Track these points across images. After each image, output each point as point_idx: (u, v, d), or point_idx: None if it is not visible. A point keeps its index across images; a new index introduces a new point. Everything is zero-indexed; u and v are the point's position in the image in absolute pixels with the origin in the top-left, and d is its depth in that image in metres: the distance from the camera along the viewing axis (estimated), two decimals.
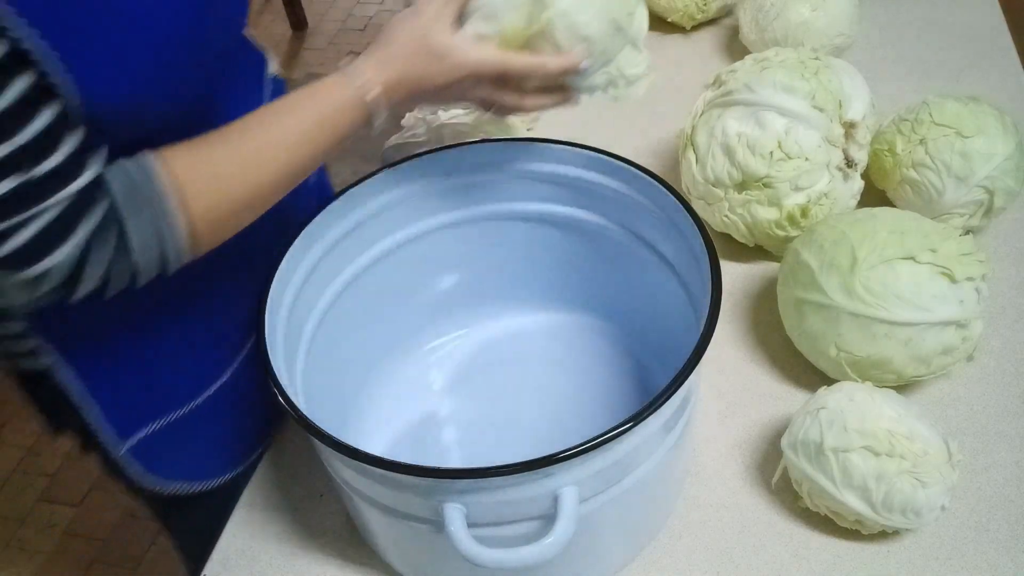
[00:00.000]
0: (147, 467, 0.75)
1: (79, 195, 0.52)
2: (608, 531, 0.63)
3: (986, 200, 0.84)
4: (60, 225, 0.52)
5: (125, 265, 0.55)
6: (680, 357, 0.57)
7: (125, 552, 1.68)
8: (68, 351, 0.67)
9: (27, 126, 0.49)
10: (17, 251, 0.51)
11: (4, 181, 0.49)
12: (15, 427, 1.92)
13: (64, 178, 0.51)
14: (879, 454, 0.63)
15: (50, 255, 0.52)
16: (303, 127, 0.61)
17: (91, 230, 0.53)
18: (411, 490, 0.56)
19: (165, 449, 0.75)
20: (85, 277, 0.54)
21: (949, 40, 1.17)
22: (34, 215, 0.51)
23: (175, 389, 0.73)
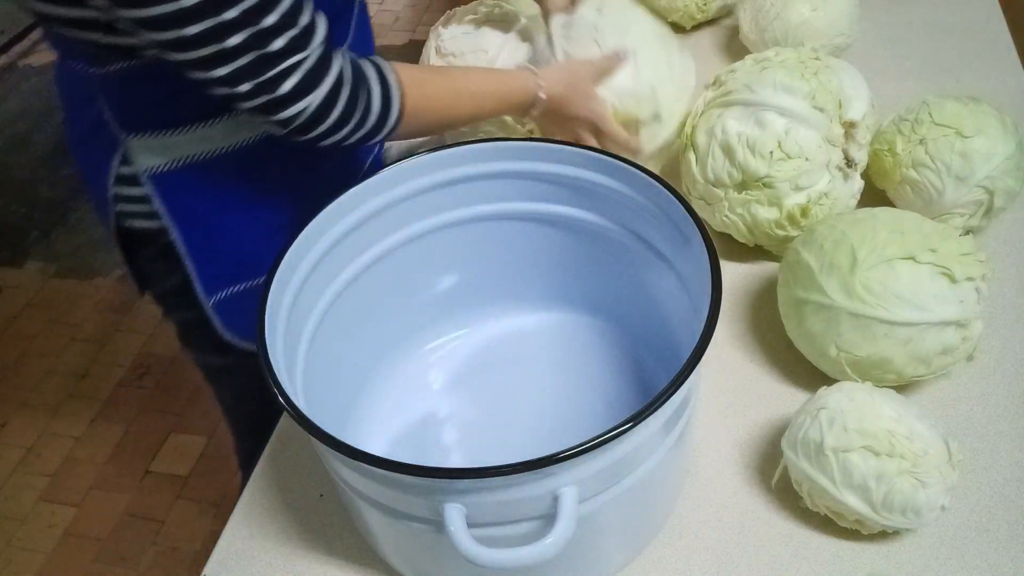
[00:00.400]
0: (226, 323, 0.88)
1: (324, 47, 0.67)
2: (608, 531, 0.63)
3: (986, 200, 0.84)
4: (313, 74, 0.67)
5: (359, 115, 0.71)
6: (680, 357, 0.57)
7: (126, 552, 1.68)
8: (177, 212, 0.80)
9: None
10: (282, 95, 0.66)
11: (279, 39, 0.63)
12: (16, 427, 1.92)
13: (312, 32, 0.66)
14: (879, 454, 0.63)
15: (305, 99, 0.67)
16: (491, 89, 0.83)
17: (338, 77, 0.69)
18: (411, 490, 0.56)
19: (244, 310, 0.84)
20: (331, 115, 0.69)
21: (949, 40, 1.17)
22: (296, 64, 0.65)
23: (259, 260, 0.82)
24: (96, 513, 1.75)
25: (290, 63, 0.65)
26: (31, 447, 1.88)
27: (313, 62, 0.66)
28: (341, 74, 0.69)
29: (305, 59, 0.66)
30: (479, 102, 0.82)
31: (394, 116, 0.74)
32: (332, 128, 0.70)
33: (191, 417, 1.91)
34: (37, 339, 2.13)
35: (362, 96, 0.71)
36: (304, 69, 0.66)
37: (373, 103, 0.72)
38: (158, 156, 0.77)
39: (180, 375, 2.00)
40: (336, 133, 0.71)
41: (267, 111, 0.68)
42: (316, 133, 0.70)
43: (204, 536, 1.68)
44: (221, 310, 0.87)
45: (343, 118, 0.70)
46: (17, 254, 2.40)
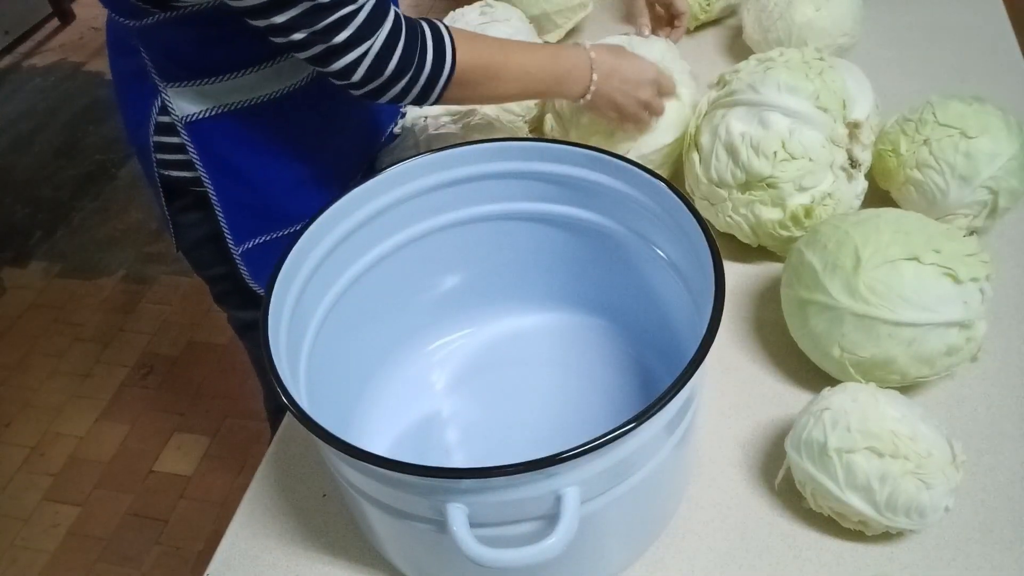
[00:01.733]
0: (252, 273, 0.93)
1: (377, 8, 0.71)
2: (611, 532, 0.63)
3: (990, 200, 0.84)
4: (368, 24, 0.70)
5: (411, 71, 0.74)
6: (683, 357, 0.57)
7: (128, 552, 1.68)
8: (211, 161, 0.85)
9: None
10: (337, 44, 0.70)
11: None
12: (19, 426, 1.92)
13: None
14: (883, 455, 0.63)
15: (360, 47, 0.70)
16: (549, 65, 0.84)
17: (392, 30, 0.71)
18: (414, 490, 0.56)
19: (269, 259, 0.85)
20: (387, 69, 0.72)
21: (953, 40, 1.17)
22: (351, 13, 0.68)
23: (282, 212, 0.90)
24: (99, 513, 1.75)
25: (344, 12, 0.68)
26: (35, 446, 1.88)
27: (368, 12, 0.69)
28: (396, 25, 0.71)
29: (360, 9, 0.69)
30: (533, 76, 0.82)
31: (445, 74, 0.76)
32: (388, 81, 0.73)
33: (195, 417, 1.91)
34: (41, 339, 2.13)
35: (418, 49, 0.73)
36: (359, 19, 0.69)
37: (428, 57, 0.74)
38: (193, 104, 0.81)
39: (184, 375, 2.00)
40: (392, 87, 0.74)
41: (324, 61, 0.71)
42: (373, 86, 0.73)
43: (207, 536, 1.68)
44: (248, 260, 0.91)
45: (399, 70, 0.73)
46: (21, 254, 2.41)
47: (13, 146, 2.81)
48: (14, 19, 3.25)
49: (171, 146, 0.85)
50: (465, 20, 1.10)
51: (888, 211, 0.78)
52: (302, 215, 0.83)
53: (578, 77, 0.85)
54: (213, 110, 0.82)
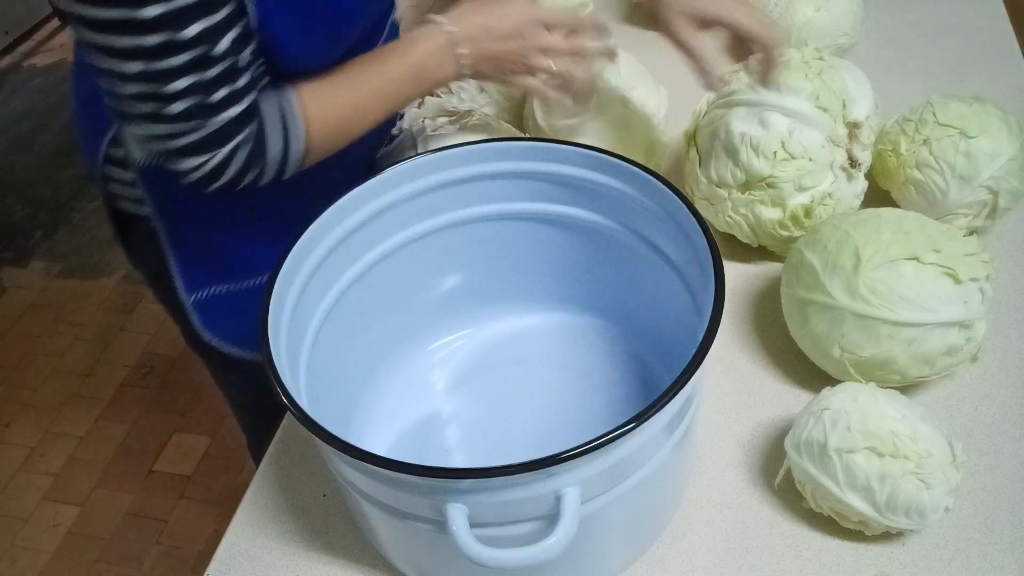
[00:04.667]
0: (205, 322, 0.87)
1: (230, 124, 0.66)
2: (611, 532, 0.63)
3: (990, 200, 0.84)
4: (208, 141, 0.66)
5: (258, 168, 0.70)
6: (683, 357, 0.57)
7: (128, 552, 1.68)
8: (163, 206, 0.80)
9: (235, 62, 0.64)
10: (181, 148, 0.66)
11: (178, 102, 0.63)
12: (19, 426, 1.92)
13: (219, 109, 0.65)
14: (883, 455, 0.63)
15: (203, 156, 0.66)
16: (404, 71, 0.75)
17: (239, 142, 0.67)
18: (414, 490, 0.56)
19: (225, 312, 0.84)
20: (226, 174, 0.68)
21: (953, 40, 1.17)
22: (191, 129, 0.64)
23: (244, 263, 0.85)
24: (99, 513, 1.75)
25: (186, 127, 0.65)
26: (35, 446, 1.89)
27: (209, 132, 0.65)
28: (240, 142, 0.68)
29: (202, 128, 0.65)
30: (394, 93, 0.76)
31: (294, 160, 0.72)
32: (229, 183, 0.70)
33: (195, 417, 1.91)
34: (41, 339, 2.13)
35: (259, 154, 0.69)
36: (198, 136, 0.65)
37: (269, 156, 0.70)
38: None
39: (184, 375, 2.00)
40: (235, 186, 0.70)
41: (164, 156, 0.67)
42: (212, 187, 0.70)
43: (207, 536, 1.68)
44: (201, 309, 0.86)
45: (238, 176, 0.70)
46: (21, 254, 2.41)
47: (13, 146, 2.81)
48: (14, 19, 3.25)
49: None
50: None
51: (888, 211, 0.78)
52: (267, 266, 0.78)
53: (440, 60, 0.76)
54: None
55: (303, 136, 0.71)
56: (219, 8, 0.62)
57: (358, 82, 0.74)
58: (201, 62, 0.62)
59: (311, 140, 0.71)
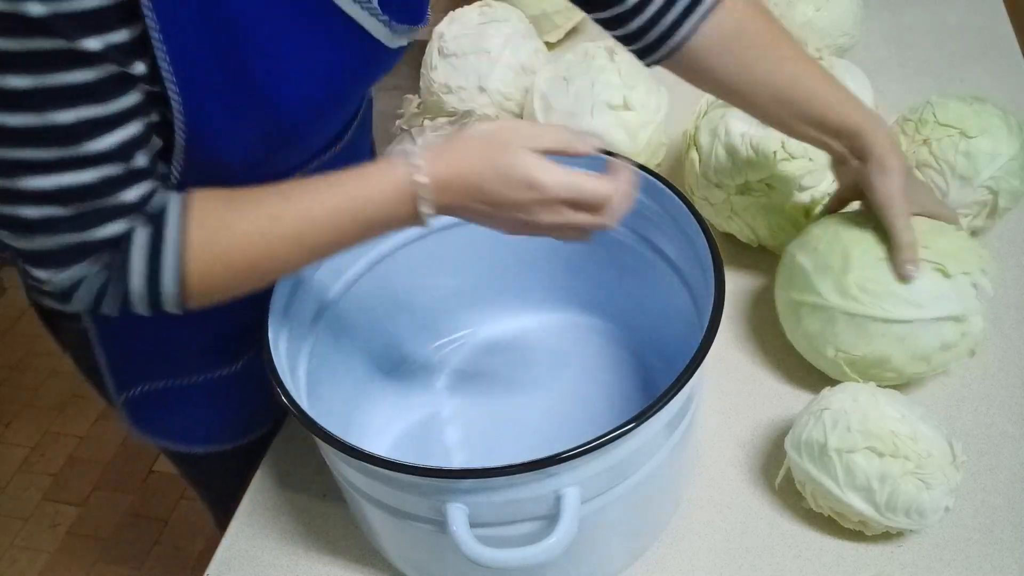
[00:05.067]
0: (136, 421, 0.78)
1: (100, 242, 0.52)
2: (611, 532, 0.63)
3: (990, 200, 0.84)
4: (64, 255, 0.52)
5: (116, 302, 0.55)
6: (683, 357, 0.57)
7: (128, 552, 1.68)
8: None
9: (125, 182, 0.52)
10: (24, 253, 0.53)
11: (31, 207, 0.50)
12: (19, 426, 1.92)
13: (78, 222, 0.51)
14: (883, 455, 0.63)
15: (46, 271, 0.53)
16: (341, 208, 0.56)
17: (88, 271, 0.53)
18: (414, 490, 0.56)
19: (159, 409, 0.77)
20: (76, 298, 0.55)
21: (954, 40, 1.17)
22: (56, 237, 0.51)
23: (178, 361, 0.75)
24: (99, 513, 1.75)
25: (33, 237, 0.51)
26: (35, 446, 1.88)
27: (56, 247, 0.52)
28: (89, 271, 0.54)
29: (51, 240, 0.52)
30: (320, 233, 0.56)
31: (167, 302, 0.55)
32: (85, 308, 0.56)
33: None
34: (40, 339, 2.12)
35: (117, 286, 0.54)
36: (42, 247, 0.52)
37: (132, 290, 0.54)
38: None
39: None
40: (96, 311, 0.56)
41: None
42: (65, 307, 0.57)
43: (207, 536, 1.68)
44: (132, 408, 0.77)
45: (97, 303, 0.56)
46: None
47: None
48: None
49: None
50: (465, 20, 1.10)
51: None
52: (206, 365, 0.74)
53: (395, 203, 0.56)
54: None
55: (176, 278, 0.54)
56: (112, 95, 0.49)
57: (277, 210, 0.55)
58: (72, 162, 0.49)
59: (189, 284, 0.55)
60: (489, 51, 1.06)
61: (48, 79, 0.46)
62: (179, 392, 0.76)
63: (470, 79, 1.06)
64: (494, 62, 1.05)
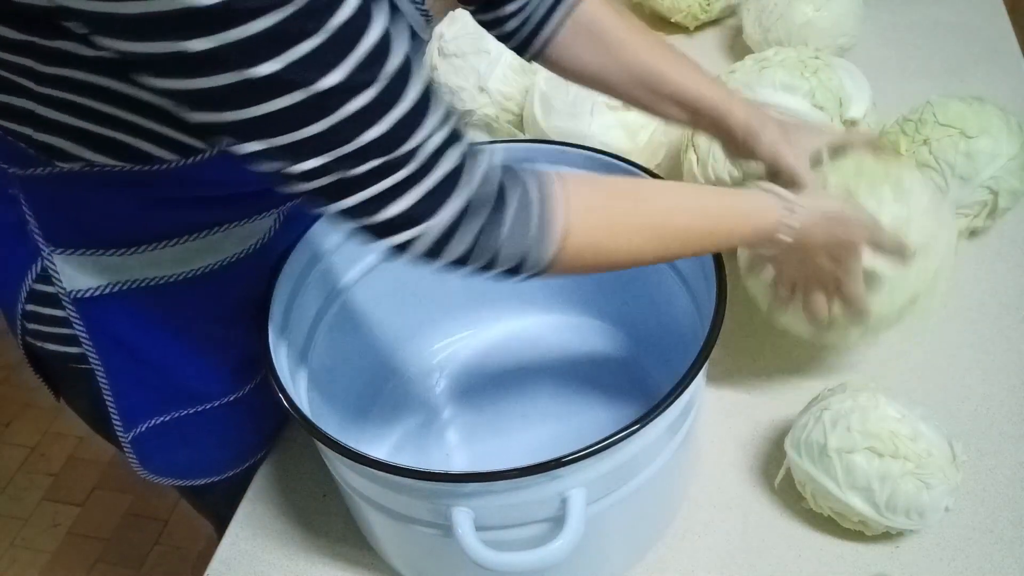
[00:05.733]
0: (143, 459, 0.76)
1: (454, 163, 0.48)
2: (614, 533, 0.63)
3: (990, 200, 0.84)
4: (430, 199, 0.48)
5: (489, 250, 0.51)
6: (683, 358, 0.57)
7: (129, 552, 1.68)
8: (101, 344, 0.67)
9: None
10: (383, 222, 0.48)
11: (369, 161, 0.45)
12: (19, 426, 1.92)
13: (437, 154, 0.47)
14: (883, 455, 0.63)
15: (415, 227, 0.49)
16: (713, 221, 0.60)
17: (460, 208, 0.49)
18: (418, 494, 0.56)
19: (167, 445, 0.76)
20: (450, 249, 0.50)
21: (954, 40, 1.17)
22: (401, 184, 0.47)
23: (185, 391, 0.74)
24: (99, 513, 1.75)
25: (391, 183, 0.46)
26: (35, 446, 1.88)
27: (432, 185, 0.48)
28: (473, 198, 0.49)
29: (419, 180, 0.47)
30: (684, 242, 0.59)
31: (544, 260, 0.52)
32: (458, 262, 0.51)
33: None
34: None
35: (501, 227, 0.50)
36: (417, 193, 0.47)
37: (516, 239, 0.51)
38: (88, 277, 0.63)
39: None
40: (464, 266, 0.52)
41: (371, 233, 0.50)
42: (438, 264, 0.52)
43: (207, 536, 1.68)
44: (140, 445, 0.75)
45: (470, 253, 0.51)
46: None
47: None
48: None
49: (49, 318, 0.67)
50: (465, 20, 1.10)
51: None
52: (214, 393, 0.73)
53: (765, 212, 0.61)
54: (114, 286, 0.63)
55: (560, 239, 0.52)
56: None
57: (646, 210, 0.57)
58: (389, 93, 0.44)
59: (568, 249, 0.52)
60: (489, 51, 1.06)
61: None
62: (188, 423, 0.75)
63: (470, 79, 1.06)
64: (494, 62, 1.05)
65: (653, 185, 0.65)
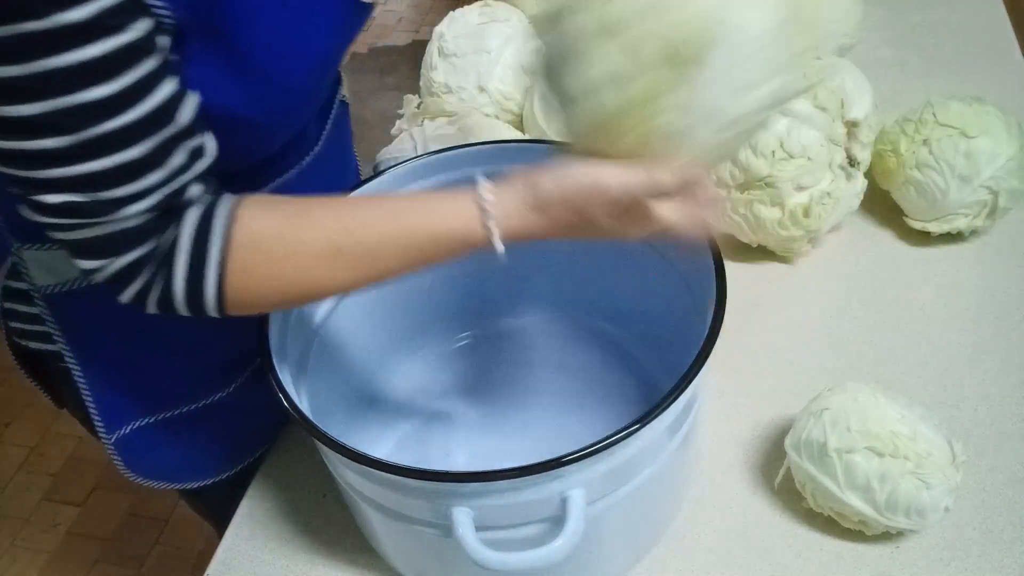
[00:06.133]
0: (129, 462, 0.75)
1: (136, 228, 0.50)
2: (614, 533, 0.63)
3: (990, 200, 0.84)
4: (111, 241, 0.50)
5: (163, 299, 0.53)
6: (683, 358, 0.57)
7: (129, 552, 1.68)
8: (74, 337, 0.67)
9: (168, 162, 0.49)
10: (70, 243, 0.51)
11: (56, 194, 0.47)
12: (19, 426, 1.92)
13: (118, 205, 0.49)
14: (883, 455, 0.63)
15: (97, 261, 0.51)
16: (405, 238, 0.55)
17: (139, 256, 0.51)
18: (418, 494, 0.56)
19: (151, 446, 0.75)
20: (125, 292, 0.53)
21: (953, 40, 1.17)
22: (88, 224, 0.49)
23: (169, 392, 0.73)
24: (99, 513, 1.75)
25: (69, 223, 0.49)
26: (35, 446, 1.88)
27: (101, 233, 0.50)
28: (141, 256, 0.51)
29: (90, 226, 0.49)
30: (374, 265, 0.55)
31: (208, 305, 0.53)
32: (137, 300, 0.53)
33: None
34: None
35: (172, 278, 0.52)
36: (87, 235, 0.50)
37: (175, 290, 0.52)
38: (53, 274, 0.63)
39: None
40: (144, 305, 0.53)
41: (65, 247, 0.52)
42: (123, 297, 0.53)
43: (207, 536, 1.68)
44: (124, 447, 0.73)
45: (146, 296, 0.53)
46: None
47: None
48: None
49: (26, 315, 0.67)
50: (465, 20, 1.10)
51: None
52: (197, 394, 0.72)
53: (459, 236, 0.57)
54: (82, 282, 0.63)
55: (217, 285, 0.52)
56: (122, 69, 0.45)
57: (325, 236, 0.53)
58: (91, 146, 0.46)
59: (231, 292, 0.52)
60: (489, 51, 1.06)
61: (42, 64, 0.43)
62: (174, 423, 0.73)
63: (470, 79, 1.06)
64: (494, 62, 1.05)
65: (338, 204, 0.56)
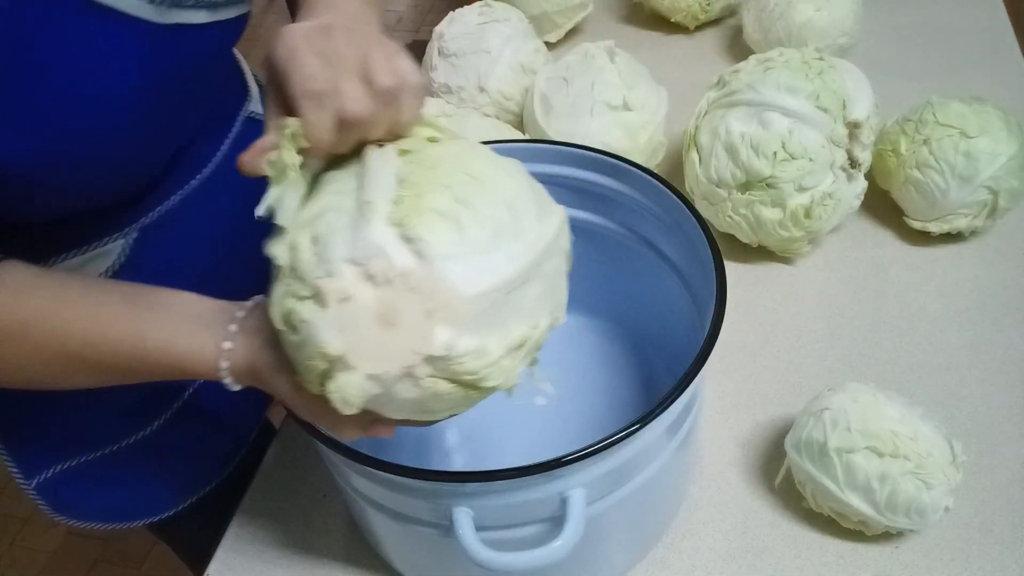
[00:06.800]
0: (55, 505, 0.72)
1: None
2: (614, 533, 0.63)
3: (990, 200, 0.84)
4: None
5: None
6: (683, 358, 0.57)
7: (128, 552, 1.68)
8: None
9: None
10: None
11: None
12: None
13: None
14: (883, 455, 0.63)
15: None
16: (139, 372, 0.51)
17: None
18: (418, 494, 0.56)
19: (80, 488, 0.72)
20: None
21: (953, 40, 1.17)
22: None
23: (90, 433, 0.69)
24: None
25: None
26: None
27: None
28: None
29: None
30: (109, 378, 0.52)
31: None
32: None
33: None
34: None
35: None
36: None
37: None
38: None
39: None
40: None
41: None
42: None
43: None
44: (48, 492, 0.70)
45: None
46: None
47: None
48: None
49: None
50: (465, 20, 1.10)
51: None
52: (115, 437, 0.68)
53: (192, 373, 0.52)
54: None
55: None
56: None
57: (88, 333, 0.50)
58: None
59: None
60: (489, 51, 1.06)
61: None
62: (99, 466, 0.69)
63: (470, 79, 1.06)
64: (494, 62, 1.05)
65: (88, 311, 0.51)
